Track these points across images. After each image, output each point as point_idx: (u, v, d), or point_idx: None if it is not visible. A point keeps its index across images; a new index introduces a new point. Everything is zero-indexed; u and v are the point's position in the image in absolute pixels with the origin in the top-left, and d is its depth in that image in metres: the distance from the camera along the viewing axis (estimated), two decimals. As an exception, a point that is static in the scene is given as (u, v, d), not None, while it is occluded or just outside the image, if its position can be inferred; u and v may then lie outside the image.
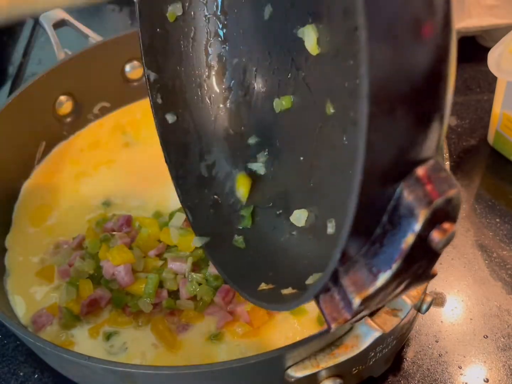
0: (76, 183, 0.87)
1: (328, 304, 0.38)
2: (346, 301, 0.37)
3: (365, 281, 0.35)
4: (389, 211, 0.34)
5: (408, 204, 0.32)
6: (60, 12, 0.98)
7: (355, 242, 0.35)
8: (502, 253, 0.78)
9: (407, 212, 0.33)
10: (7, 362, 0.70)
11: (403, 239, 0.33)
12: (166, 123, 0.60)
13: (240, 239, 0.57)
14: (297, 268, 0.50)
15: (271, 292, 0.49)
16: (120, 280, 0.69)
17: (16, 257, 0.77)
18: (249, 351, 0.64)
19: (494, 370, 0.65)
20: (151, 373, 0.53)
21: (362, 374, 0.59)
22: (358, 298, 0.35)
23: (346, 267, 0.36)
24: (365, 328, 0.54)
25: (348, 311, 0.37)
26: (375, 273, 0.35)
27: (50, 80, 0.88)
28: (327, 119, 0.50)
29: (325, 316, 0.39)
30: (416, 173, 0.32)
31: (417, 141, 0.32)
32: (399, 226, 0.33)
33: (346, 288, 0.36)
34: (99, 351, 0.65)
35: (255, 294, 0.50)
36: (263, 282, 0.50)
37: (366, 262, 0.35)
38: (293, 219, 0.54)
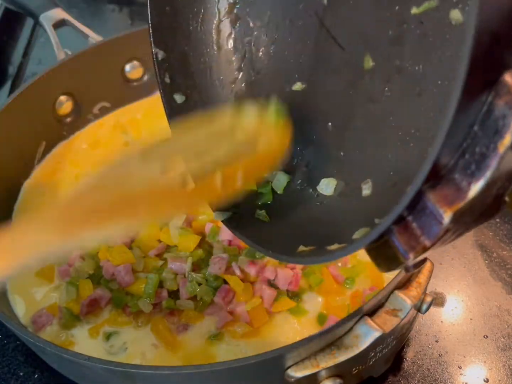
0: (76, 183, 0.87)
1: (404, 234, 0.38)
2: (427, 226, 0.36)
3: (456, 193, 0.34)
4: (480, 118, 0.33)
5: (502, 107, 0.32)
6: (60, 12, 0.98)
7: (446, 152, 0.34)
8: (502, 253, 0.78)
9: (503, 114, 0.32)
10: (7, 362, 0.70)
11: (500, 141, 0.32)
12: (174, 103, 0.59)
13: (262, 213, 0.55)
14: (336, 229, 0.49)
15: (314, 251, 0.47)
16: (120, 280, 0.69)
17: (16, 257, 0.77)
18: (249, 351, 0.64)
19: (494, 370, 0.65)
20: (151, 373, 0.53)
21: (362, 374, 0.59)
22: (450, 212, 0.34)
23: (432, 184, 0.35)
24: (365, 328, 0.54)
25: (428, 237, 0.36)
26: (467, 184, 0.34)
27: (50, 80, 0.88)
28: (363, 74, 0.49)
29: (400, 248, 0.38)
30: (505, 78, 0.32)
31: (504, 42, 0.32)
32: (495, 130, 0.33)
33: (434, 204, 0.35)
34: (99, 351, 0.65)
35: (294, 255, 0.48)
36: (301, 245, 0.48)
37: (455, 175, 0.35)
38: (320, 189, 0.53)
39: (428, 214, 0.36)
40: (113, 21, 1.39)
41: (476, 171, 0.34)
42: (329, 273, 0.70)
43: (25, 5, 1.01)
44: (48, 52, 0.99)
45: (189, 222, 0.75)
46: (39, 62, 1.22)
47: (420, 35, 0.45)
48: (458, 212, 0.34)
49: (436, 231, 0.36)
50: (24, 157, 0.88)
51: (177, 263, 0.69)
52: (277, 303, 0.67)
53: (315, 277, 0.69)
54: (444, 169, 0.35)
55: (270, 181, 0.57)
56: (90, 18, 1.36)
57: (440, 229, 0.35)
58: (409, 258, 0.38)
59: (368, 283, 0.69)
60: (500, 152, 0.32)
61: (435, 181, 0.35)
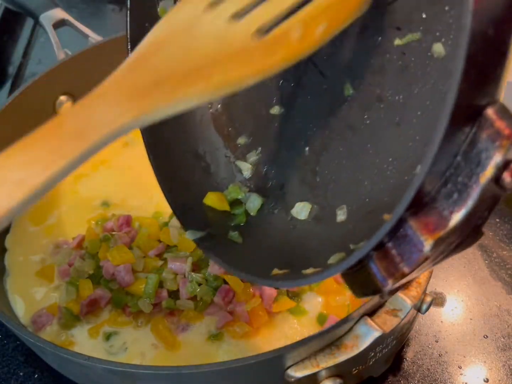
0: (75, 183, 0.87)
1: (383, 260, 0.38)
2: (407, 253, 0.37)
3: (438, 222, 0.35)
4: (464, 149, 0.34)
5: (485, 139, 0.33)
6: (60, 12, 0.98)
7: (429, 182, 0.34)
8: (502, 253, 0.78)
9: (485, 146, 0.33)
10: (7, 362, 0.70)
11: (482, 172, 0.33)
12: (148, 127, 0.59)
13: (235, 234, 0.55)
14: (310, 253, 0.49)
15: (288, 275, 0.47)
16: (120, 280, 0.69)
17: (16, 257, 0.77)
18: (249, 351, 0.64)
19: (494, 370, 0.65)
20: (151, 373, 0.53)
21: (362, 374, 0.59)
22: (431, 240, 0.35)
23: (414, 212, 0.36)
24: (365, 328, 0.54)
25: (407, 264, 0.37)
26: (448, 214, 0.35)
27: (50, 80, 0.88)
28: (343, 101, 0.49)
29: (377, 274, 0.38)
30: (487, 112, 0.34)
31: (490, 76, 0.33)
32: (477, 161, 0.34)
33: (415, 231, 0.36)
34: (99, 351, 0.65)
35: (268, 278, 0.47)
36: (276, 268, 0.48)
37: (437, 204, 0.35)
38: (294, 213, 0.53)
39: (408, 241, 0.37)
40: (113, 21, 1.39)
41: (458, 200, 0.34)
42: (329, 273, 0.70)
43: (25, 5, 1.01)
44: (48, 52, 0.99)
45: (189, 222, 0.75)
46: (39, 62, 1.22)
47: (401, 66, 0.45)
48: (439, 240, 0.35)
49: (416, 258, 0.36)
50: (24, 157, 0.88)
51: (177, 263, 0.69)
52: (277, 303, 0.67)
53: (315, 277, 0.69)
54: (427, 197, 0.36)
55: (244, 202, 0.57)
56: (90, 18, 1.36)
57: (420, 256, 0.36)
58: (388, 285, 0.38)
59: (368, 283, 0.69)
60: (481, 183, 0.33)
61: (417, 208, 0.36)
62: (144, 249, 0.73)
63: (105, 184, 0.86)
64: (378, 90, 0.47)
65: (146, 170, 0.87)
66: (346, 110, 0.50)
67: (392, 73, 0.46)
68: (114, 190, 0.85)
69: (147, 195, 0.83)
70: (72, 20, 0.97)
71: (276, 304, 0.67)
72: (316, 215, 0.52)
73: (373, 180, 0.48)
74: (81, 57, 0.91)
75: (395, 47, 0.45)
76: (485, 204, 0.35)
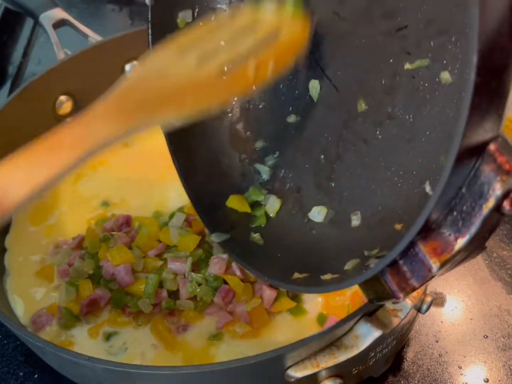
0: (75, 183, 0.87)
1: (395, 276, 0.43)
2: (417, 270, 0.41)
3: (444, 246, 0.40)
4: (467, 182, 0.38)
5: (487, 174, 0.37)
6: (60, 12, 0.98)
7: (437, 210, 0.39)
8: (502, 253, 0.78)
9: (487, 180, 0.37)
10: (7, 362, 0.70)
11: (485, 203, 0.37)
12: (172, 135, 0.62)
13: (257, 236, 0.57)
14: (327, 258, 0.52)
15: (308, 279, 0.50)
16: (120, 280, 0.69)
17: (16, 257, 0.77)
18: (249, 351, 0.64)
19: (494, 370, 0.65)
20: (151, 373, 0.53)
21: (362, 374, 0.59)
22: (438, 262, 0.40)
23: (423, 236, 0.41)
24: (365, 328, 0.54)
25: (417, 280, 0.42)
26: (454, 239, 0.39)
27: (50, 80, 0.88)
28: (357, 115, 0.52)
29: (391, 287, 0.43)
30: (490, 148, 0.37)
31: (491, 116, 0.36)
32: (480, 193, 0.38)
33: (425, 254, 0.41)
34: (99, 351, 0.65)
35: (290, 282, 0.51)
36: (296, 272, 0.51)
37: (443, 230, 0.40)
38: (311, 216, 0.56)
39: (418, 261, 0.41)
40: (113, 21, 1.39)
41: (462, 228, 0.39)
42: (329, 273, 0.70)
43: (25, 5, 1.01)
44: (48, 52, 0.99)
45: (189, 222, 0.75)
46: (39, 62, 1.22)
47: (411, 89, 0.48)
48: (445, 262, 0.40)
49: (425, 276, 0.41)
50: (24, 157, 0.88)
51: (177, 263, 0.69)
52: (277, 303, 0.67)
53: (315, 277, 0.69)
54: (435, 223, 0.40)
55: (264, 204, 0.60)
56: (90, 18, 1.36)
57: (428, 275, 0.41)
58: (400, 297, 0.43)
59: (368, 283, 0.69)
60: (484, 213, 0.38)
61: (426, 233, 0.41)
62: (144, 249, 0.73)
63: (105, 184, 0.86)
64: (389, 108, 0.50)
65: (146, 170, 0.87)
66: (360, 124, 0.52)
67: (402, 94, 0.49)
68: (114, 190, 0.85)
69: (147, 195, 0.83)
70: (72, 20, 0.97)
71: (276, 304, 0.67)
72: (332, 219, 0.55)
73: (385, 190, 0.50)
74: (81, 57, 0.91)
75: (405, 70, 0.48)
76: (487, 228, 0.39)
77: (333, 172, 0.55)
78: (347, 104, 0.53)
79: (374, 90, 0.51)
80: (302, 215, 0.57)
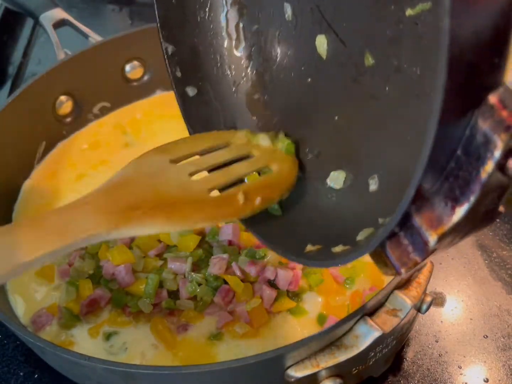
0: (76, 183, 0.87)
1: (396, 249, 0.39)
2: (417, 243, 0.37)
3: (441, 217, 0.35)
4: (463, 142, 0.34)
5: (484, 131, 0.32)
6: (60, 12, 0.98)
7: (429, 176, 0.34)
8: (502, 253, 0.78)
9: (484, 140, 0.32)
10: (7, 362, 0.70)
11: (482, 167, 0.33)
12: (187, 97, 0.60)
13: (275, 207, 0.56)
14: (342, 227, 0.50)
15: (320, 252, 0.48)
16: (120, 280, 0.69)
17: (16, 257, 0.77)
18: (249, 351, 0.64)
19: (494, 370, 0.65)
20: (151, 373, 0.53)
21: (362, 374, 0.59)
22: (435, 235, 0.35)
23: (418, 206, 0.36)
24: (365, 328, 0.54)
25: (419, 254, 0.37)
26: (451, 208, 0.35)
27: (50, 80, 0.88)
28: (365, 70, 0.50)
29: (392, 262, 0.39)
30: (489, 100, 0.32)
31: (489, 60, 0.31)
32: (477, 155, 0.33)
33: (421, 226, 0.36)
34: (99, 351, 0.65)
35: (302, 255, 0.49)
36: (309, 244, 0.50)
37: (439, 199, 0.35)
38: (330, 181, 0.54)
39: (416, 234, 0.37)
40: (113, 21, 1.39)
41: (460, 196, 0.34)
42: (329, 273, 0.70)
43: (25, 5, 1.01)
44: (48, 52, 0.99)
45: (189, 222, 0.75)
46: (39, 62, 1.22)
47: (415, 37, 0.45)
48: (443, 235, 0.35)
49: (425, 250, 0.37)
50: (24, 157, 0.88)
51: (177, 263, 0.69)
52: (277, 303, 0.67)
53: (315, 277, 0.69)
54: (428, 192, 0.36)
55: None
56: (90, 18, 1.35)
57: (428, 249, 0.36)
58: (402, 273, 0.39)
59: (368, 283, 0.69)
60: (482, 178, 0.33)
61: (421, 203, 0.36)
62: (144, 249, 0.73)
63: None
64: (395, 61, 0.47)
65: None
66: (369, 80, 0.51)
67: (407, 44, 0.46)
68: (114, 190, 0.85)
69: (147, 195, 0.83)
70: (72, 20, 0.97)
71: (276, 304, 0.67)
72: (351, 184, 0.53)
73: (398, 150, 0.48)
74: (81, 57, 0.91)
75: (407, 17, 0.45)
76: (493, 194, 0.35)
77: (348, 134, 0.54)
78: (354, 59, 0.51)
79: (379, 42, 0.49)
80: (321, 182, 0.55)
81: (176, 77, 0.60)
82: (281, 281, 0.67)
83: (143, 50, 0.96)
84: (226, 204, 0.50)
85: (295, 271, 0.69)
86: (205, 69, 0.61)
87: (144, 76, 1.00)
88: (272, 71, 0.60)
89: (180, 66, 0.60)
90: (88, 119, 0.97)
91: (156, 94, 1.01)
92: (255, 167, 0.54)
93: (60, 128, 0.94)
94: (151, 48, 0.71)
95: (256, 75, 0.61)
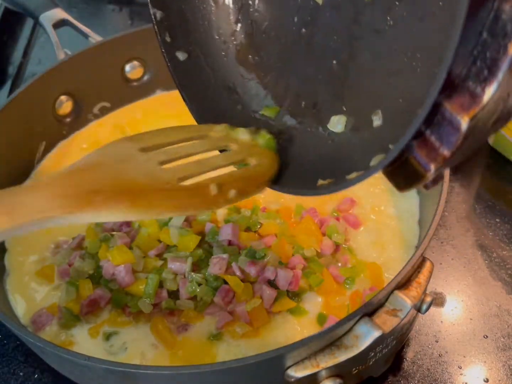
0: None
1: (423, 148, 0.39)
2: (446, 135, 0.38)
3: (472, 99, 0.36)
4: (488, 26, 0.35)
5: (509, 10, 0.33)
6: (60, 12, 0.98)
7: (459, 60, 0.35)
8: (502, 253, 0.78)
9: (509, 19, 0.33)
10: (7, 362, 0.70)
11: (510, 43, 0.34)
12: (177, 61, 0.60)
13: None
14: (352, 161, 0.50)
15: (332, 183, 0.48)
16: (120, 280, 0.69)
17: (16, 257, 0.77)
18: (249, 351, 0.64)
19: (494, 370, 0.65)
20: (151, 373, 0.53)
21: (362, 374, 0.59)
22: (467, 117, 0.36)
23: (448, 93, 0.37)
24: (365, 328, 0.54)
25: (447, 146, 0.38)
26: (480, 90, 0.35)
27: (50, 80, 0.88)
28: (364, 6, 0.50)
29: (420, 161, 0.40)
30: None
31: None
32: (503, 33, 0.34)
33: (451, 113, 0.37)
34: (99, 351, 0.65)
35: (314, 189, 0.49)
36: (320, 179, 0.50)
37: (469, 83, 0.36)
38: (331, 126, 0.54)
39: (446, 125, 0.38)
40: (113, 21, 1.39)
41: (489, 75, 0.35)
42: (329, 273, 0.70)
43: (25, 5, 1.01)
44: (48, 52, 0.99)
45: (189, 222, 0.75)
46: (39, 62, 1.22)
47: None
48: (475, 117, 0.36)
49: (455, 139, 0.37)
50: (24, 157, 0.88)
51: (177, 263, 0.69)
52: (277, 303, 0.67)
53: (315, 277, 0.69)
54: (458, 78, 0.36)
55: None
56: (90, 18, 1.36)
57: (459, 136, 0.37)
58: (431, 169, 0.39)
59: (368, 283, 0.69)
60: (510, 52, 0.34)
61: (451, 90, 0.37)
62: (144, 249, 0.73)
63: (105, 184, 0.86)
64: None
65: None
66: (369, 16, 0.51)
67: None
68: (114, 190, 0.85)
69: (147, 195, 0.83)
70: (72, 20, 0.97)
71: (276, 304, 0.67)
72: (353, 125, 0.53)
73: (404, 79, 0.48)
74: (81, 57, 0.91)
75: None
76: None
77: (347, 76, 0.54)
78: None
79: None
80: (322, 129, 0.55)
81: (166, 42, 0.60)
82: (281, 281, 0.67)
83: (143, 50, 0.96)
84: (197, 195, 0.48)
85: (295, 271, 0.69)
86: (195, 33, 0.61)
87: (144, 76, 1.00)
88: (262, 31, 0.60)
89: (169, 31, 0.60)
90: (88, 119, 0.97)
91: (156, 94, 1.01)
92: (231, 160, 0.53)
93: (60, 128, 0.94)
94: (151, 48, 0.71)
95: (246, 36, 0.61)
